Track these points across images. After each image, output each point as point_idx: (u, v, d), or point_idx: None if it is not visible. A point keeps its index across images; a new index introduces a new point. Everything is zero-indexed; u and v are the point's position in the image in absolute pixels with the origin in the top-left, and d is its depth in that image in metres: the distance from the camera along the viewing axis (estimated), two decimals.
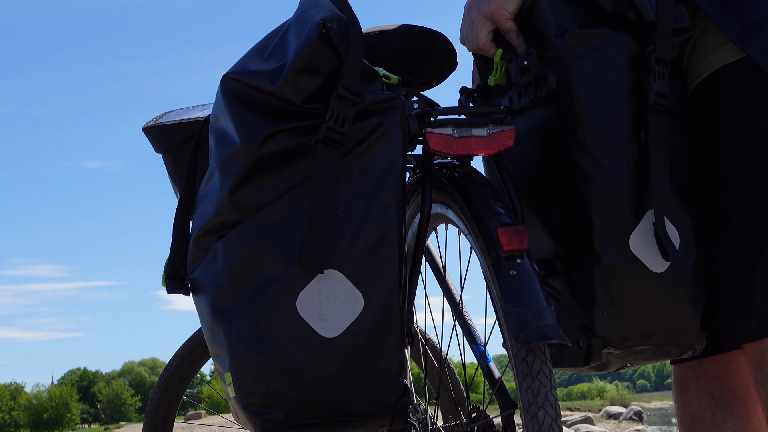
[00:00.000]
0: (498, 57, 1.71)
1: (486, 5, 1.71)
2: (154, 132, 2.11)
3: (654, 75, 1.59)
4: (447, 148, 1.61)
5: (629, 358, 1.64)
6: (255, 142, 1.50)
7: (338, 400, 1.51)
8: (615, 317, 1.58)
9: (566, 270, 1.61)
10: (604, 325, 1.57)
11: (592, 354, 1.58)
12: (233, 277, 1.51)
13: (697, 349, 1.65)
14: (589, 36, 1.60)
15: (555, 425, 1.41)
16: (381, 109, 1.54)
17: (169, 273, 1.73)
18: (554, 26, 1.63)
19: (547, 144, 1.65)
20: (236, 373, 1.51)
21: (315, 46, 1.48)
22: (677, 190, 1.63)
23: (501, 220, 1.53)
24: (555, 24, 1.63)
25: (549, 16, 1.65)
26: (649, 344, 1.61)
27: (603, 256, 1.57)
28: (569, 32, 1.61)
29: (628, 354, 1.62)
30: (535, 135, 1.67)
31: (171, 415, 2.65)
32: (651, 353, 1.64)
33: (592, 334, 1.58)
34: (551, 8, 1.64)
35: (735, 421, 1.86)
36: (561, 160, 1.61)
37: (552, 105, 1.62)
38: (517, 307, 1.44)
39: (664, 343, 1.62)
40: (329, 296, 1.49)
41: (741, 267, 1.63)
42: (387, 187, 1.52)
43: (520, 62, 1.66)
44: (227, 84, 1.55)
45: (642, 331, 1.59)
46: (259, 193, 1.51)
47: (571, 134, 1.60)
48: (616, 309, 1.58)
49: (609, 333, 1.58)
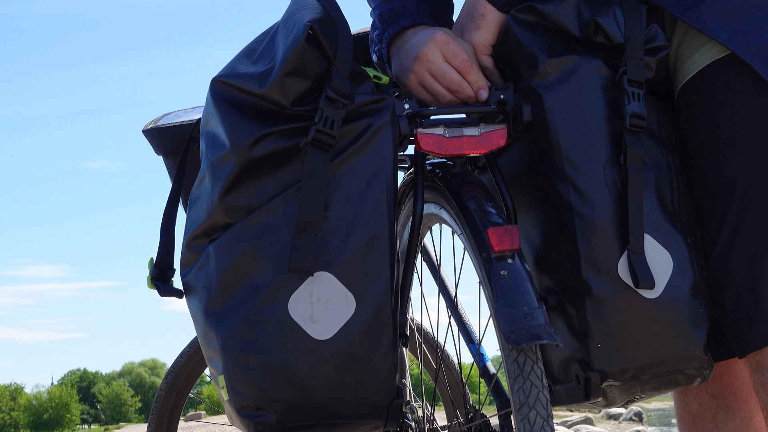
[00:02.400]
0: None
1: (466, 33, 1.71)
2: (155, 134, 2.11)
3: (629, 96, 1.57)
4: (438, 149, 1.61)
5: (635, 390, 1.59)
6: (244, 145, 1.49)
7: (331, 402, 1.50)
8: (611, 348, 1.53)
9: (559, 304, 1.57)
10: (601, 357, 1.53)
11: (591, 389, 1.54)
12: (225, 281, 1.51)
13: (705, 375, 1.61)
14: (558, 64, 1.59)
15: (546, 426, 1.40)
16: (371, 111, 1.54)
17: (155, 275, 1.73)
18: (525, 57, 1.63)
19: (531, 176, 1.63)
20: (229, 376, 1.51)
21: (303, 48, 1.48)
22: (667, 212, 1.59)
23: (492, 220, 1.52)
24: (525, 55, 1.63)
25: (520, 46, 1.64)
26: (650, 374, 1.56)
27: (593, 285, 1.53)
28: (540, 62, 1.60)
29: (632, 386, 1.57)
30: (520, 168, 1.65)
31: (176, 413, 2.66)
32: (657, 383, 1.59)
33: (590, 368, 1.54)
34: (522, 39, 1.64)
35: (737, 422, 1.84)
36: (545, 192, 1.59)
37: (531, 136, 1.60)
38: (508, 308, 1.43)
39: (667, 372, 1.57)
40: (321, 299, 1.49)
41: (743, 271, 1.59)
42: (377, 189, 1.52)
43: (497, 96, 1.65)
44: (216, 87, 1.55)
45: (641, 360, 1.55)
46: (249, 196, 1.51)
47: (550, 164, 1.57)
48: (612, 340, 1.53)
49: (607, 365, 1.54)
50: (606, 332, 1.54)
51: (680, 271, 1.57)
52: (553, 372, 1.58)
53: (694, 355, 1.57)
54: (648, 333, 1.55)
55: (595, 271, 1.54)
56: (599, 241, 1.54)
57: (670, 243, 1.58)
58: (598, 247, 1.54)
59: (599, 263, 1.54)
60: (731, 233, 1.60)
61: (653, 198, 1.59)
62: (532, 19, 1.65)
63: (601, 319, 1.53)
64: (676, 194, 1.62)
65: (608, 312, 1.54)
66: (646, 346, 1.55)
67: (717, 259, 1.61)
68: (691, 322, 1.57)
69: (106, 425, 69.39)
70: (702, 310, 1.59)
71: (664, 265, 1.57)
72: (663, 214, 1.59)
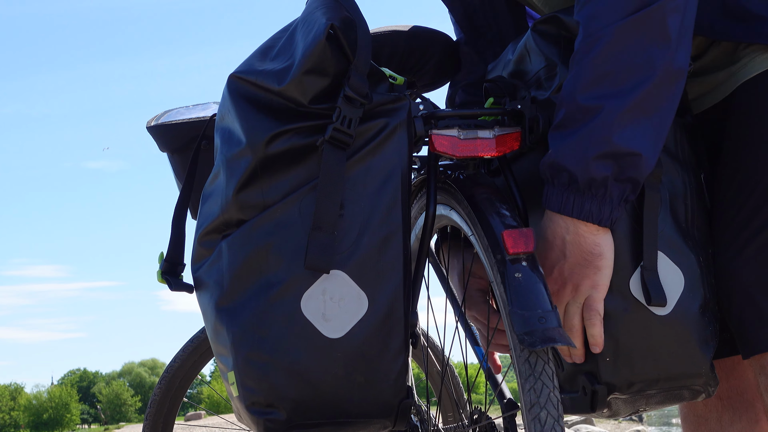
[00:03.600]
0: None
1: (585, 280, 1.54)
2: (161, 131, 2.10)
3: None
4: (452, 150, 1.61)
5: (640, 403, 1.60)
6: (261, 141, 1.50)
7: (341, 401, 1.50)
8: (619, 362, 1.55)
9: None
10: (608, 370, 1.55)
11: (597, 401, 1.55)
12: (237, 277, 1.51)
13: (710, 392, 1.61)
14: None
15: (557, 426, 1.40)
16: (387, 110, 1.54)
17: (165, 269, 1.73)
18: (544, 69, 1.63)
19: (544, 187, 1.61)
20: (239, 372, 1.51)
21: (323, 47, 1.48)
22: (680, 230, 1.60)
23: (506, 222, 1.52)
24: (545, 67, 1.63)
25: (540, 58, 1.64)
26: (657, 389, 1.58)
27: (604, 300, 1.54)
28: (559, 74, 1.61)
29: (637, 399, 1.59)
30: (534, 177, 1.65)
31: (171, 417, 2.65)
32: (662, 397, 1.60)
33: (597, 380, 1.55)
34: (541, 51, 1.64)
35: (743, 424, 1.84)
36: None
37: (545, 147, 1.59)
38: (522, 310, 1.43)
39: (673, 387, 1.58)
40: (334, 297, 1.49)
41: (756, 271, 1.60)
42: (392, 189, 1.52)
43: (514, 106, 1.64)
44: (234, 83, 1.55)
45: (648, 375, 1.56)
46: (264, 192, 1.51)
47: None
48: (620, 354, 1.55)
49: (614, 379, 1.55)
50: (615, 347, 1.55)
51: (691, 289, 1.58)
52: (560, 381, 1.58)
53: (700, 372, 1.58)
54: (656, 349, 1.56)
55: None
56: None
57: (682, 261, 1.59)
58: None
59: (612, 279, 1.54)
60: (753, 233, 1.60)
61: (667, 215, 1.59)
62: (555, 31, 1.65)
63: (611, 334, 1.54)
64: (690, 212, 1.63)
65: (618, 327, 1.55)
66: (653, 362, 1.56)
67: (730, 258, 1.62)
68: (700, 340, 1.58)
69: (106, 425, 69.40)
70: (710, 328, 1.60)
71: (676, 283, 1.58)
72: (676, 232, 1.60)
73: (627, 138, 1.47)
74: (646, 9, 1.47)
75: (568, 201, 1.51)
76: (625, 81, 1.47)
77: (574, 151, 1.49)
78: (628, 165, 1.48)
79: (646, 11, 1.47)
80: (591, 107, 1.48)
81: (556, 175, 1.51)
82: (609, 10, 1.48)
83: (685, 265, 1.59)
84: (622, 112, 1.47)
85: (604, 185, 1.49)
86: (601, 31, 1.48)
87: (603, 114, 1.47)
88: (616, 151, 1.47)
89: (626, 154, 1.48)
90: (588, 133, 1.48)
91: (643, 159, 1.49)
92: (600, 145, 1.47)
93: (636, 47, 1.47)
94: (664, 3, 1.47)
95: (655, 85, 1.48)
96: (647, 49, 1.47)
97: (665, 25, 1.47)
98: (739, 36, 1.65)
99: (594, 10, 1.49)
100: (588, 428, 9.34)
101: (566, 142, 1.50)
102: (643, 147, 1.48)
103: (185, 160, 2.05)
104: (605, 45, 1.47)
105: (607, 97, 1.47)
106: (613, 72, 1.48)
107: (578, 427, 9.39)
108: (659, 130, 1.50)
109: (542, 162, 1.54)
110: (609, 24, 1.47)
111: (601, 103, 1.48)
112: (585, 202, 1.50)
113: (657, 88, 1.48)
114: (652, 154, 1.50)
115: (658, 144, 1.51)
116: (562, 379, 1.60)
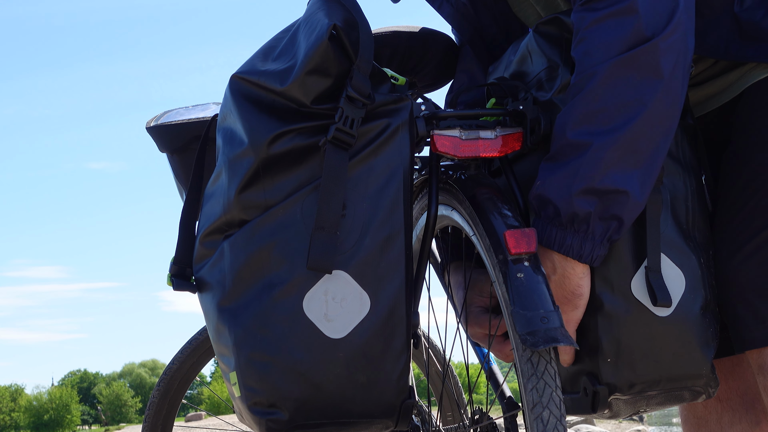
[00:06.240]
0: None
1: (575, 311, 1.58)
2: (161, 132, 2.10)
3: None
4: (454, 150, 1.62)
5: (640, 404, 1.61)
6: (263, 142, 1.50)
7: (343, 401, 1.51)
8: (620, 363, 1.55)
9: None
10: (610, 371, 1.55)
11: (598, 401, 1.56)
12: (240, 277, 1.52)
13: (711, 393, 1.62)
14: None
15: (560, 425, 1.40)
16: (389, 111, 1.54)
17: (174, 272, 1.73)
18: (546, 70, 1.64)
19: None
20: (241, 372, 1.51)
21: (325, 47, 1.48)
22: (681, 231, 1.61)
23: (508, 222, 1.52)
24: (547, 68, 1.64)
25: (542, 59, 1.65)
26: (658, 390, 1.58)
27: (605, 302, 1.55)
28: (561, 75, 1.61)
29: (638, 400, 1.59)
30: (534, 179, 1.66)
31: (170, 419, 2.65)
32: (663, 398, 1.60)
33: (598, 381, 1.56)
34: (543, 52, 1.65)
35: (743, 425, 1.84)
36: None
37: (547, 148, 1.59)
38: (524, 310, 1.44)
39: (674, 388, 1.59)
40: (336, 297, 1.49)
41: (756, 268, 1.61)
42: (394, 189, 1.53)
43: (516, 106, 1.65)
44: (236, 84, 1.56)
45: (649, 376, 1.57)
46: (266, 193, 1.51)
47: None
48: (621, 355, 1.55)
49: (615, 380, 1.55)
50: (616, 348, 1.55)
51: (692, 290, 1.59)
52: (561, 382, 1.59)
53: (701, 373, 1.59)
54: (657, 350, 1.56)
55: (609, 287, 1.56)
56: (614, 258, 1.56)
57: (684, 262, 1.60)
58: (612, 264, 1.56)
59: (613, 280, 1.56)
60: (753, 233, 1.61)
61: (668, 217, 1.60)
62: (556, 32, 1.66)
63: (612, 335, 1.55)
64: (691, 214, 1.63)
65: (619, 328, 1.55)
66: (655, 363, 1.56)
67: (728, 257, 1.63)
68: (701, 341, 1.59)
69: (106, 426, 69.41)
70: (711, 329, 1.60)
71: (677, 284, 1.58)
72: (678, 233, 1.61)
73: (613, 175, 1.48)
74: (639, 48, 1.47)
75: (551, 234, 1.53)
76: (615, 119, 1.48)
77: (560, 184, 1.50)
78: (613, 202, 1.49)
79: (638, 50, 1.48)
80: (580, 143, 1.49)
81: (542, 207, 1.54)
82: (603, 48, 1.49)
83: (686, 266, 1.60)
84: (610, 149, 1.48)
85: (586, 221, 1.50)
86: (594, 68, 1.49)
87: (591, 150, 1.48)
88: (600, 188, 1.49)
89: (611, 192, 1.49)
90: (575, 169, 1.49)
91: (629, 197, 1.49)
92: (584, 180, 1.49)
93: (627, 85, 1.48)
94: (657, 42, 1.48)
95: (645, 123, 1.48)
96: (638, 87, 1.48)
97: (658, 64, 1.48)
98: (751, 56, 1.66)
99: (588, 47, 1.51)
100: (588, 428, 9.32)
101: (554, 175, 1.51)
102: (631, 185, 1.49)
103: (185, 161, 2.06)
104: (597, 82, 1.48)
105: (596, 134, 1.49)
106: (603, 109, 1.49)
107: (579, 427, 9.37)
108: (649, 168, 1.51)
109: (530, 192, 1.56)
110: (602, 62, 1.48)
111: (590, 140, 1.49)
112: (567, 236, 1.52)
113: (647, 125, 1.49)
114: (639, 192, 1.51)
115: (648, 183, 1.52)
116: (563, 381, 1.60)
